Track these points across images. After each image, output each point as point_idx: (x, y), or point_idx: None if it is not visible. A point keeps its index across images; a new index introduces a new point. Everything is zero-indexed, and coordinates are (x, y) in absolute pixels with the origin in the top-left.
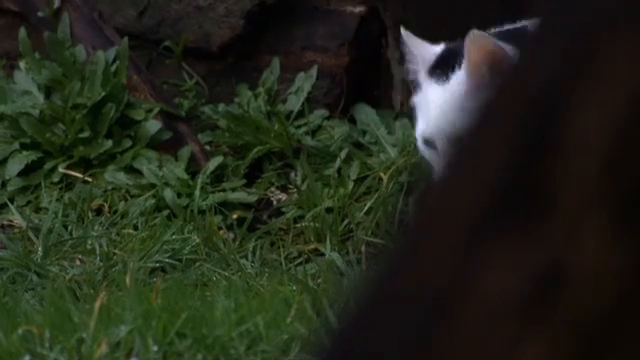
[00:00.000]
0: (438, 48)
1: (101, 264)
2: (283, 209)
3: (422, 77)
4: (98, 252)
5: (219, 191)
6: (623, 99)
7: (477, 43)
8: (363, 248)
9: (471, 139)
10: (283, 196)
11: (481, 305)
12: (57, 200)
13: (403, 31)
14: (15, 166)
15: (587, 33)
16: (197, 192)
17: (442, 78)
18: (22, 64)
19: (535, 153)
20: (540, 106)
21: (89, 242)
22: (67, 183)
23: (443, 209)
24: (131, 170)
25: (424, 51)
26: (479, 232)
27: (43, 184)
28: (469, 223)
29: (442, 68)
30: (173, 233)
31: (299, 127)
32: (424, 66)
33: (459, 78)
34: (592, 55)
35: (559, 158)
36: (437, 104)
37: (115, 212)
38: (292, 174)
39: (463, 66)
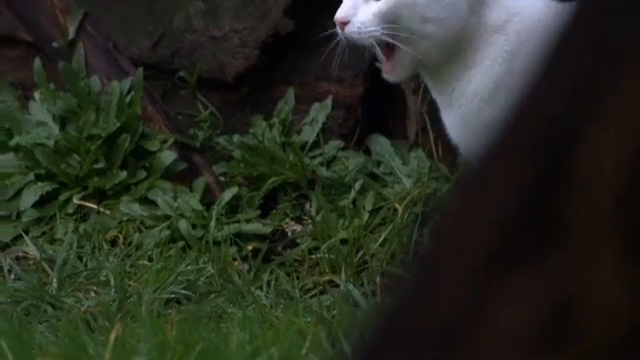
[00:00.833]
0: None
1: (116, 295)
2: (298, 240)
3: None
4: (113, 283)
5: (234, 222)
6: (636, 132)
7: None
8: (378, 279)
9: (483, 171)
10: (298, 227)
11: (494, 335)
12: (72, 231)
13: None
14: (30, 197)
15: (598, 66)
16: (212, 223)
17: None
18: (37, 95)
19: (548, 185)
20: (552, 138)
21: (104, 273)
22: (82, 214)
23: (456, 240)
24: (146, 201)
25: None
26: (492, 263)
27: (58, 215)
28: (482, 254)
29: None
30: (188, 264)
31: (314, 158)
32: None
33: None
34: (604, 88)
35: (572, 190)
36: None
37: (130, 243)
38: (307, 205)
39: None
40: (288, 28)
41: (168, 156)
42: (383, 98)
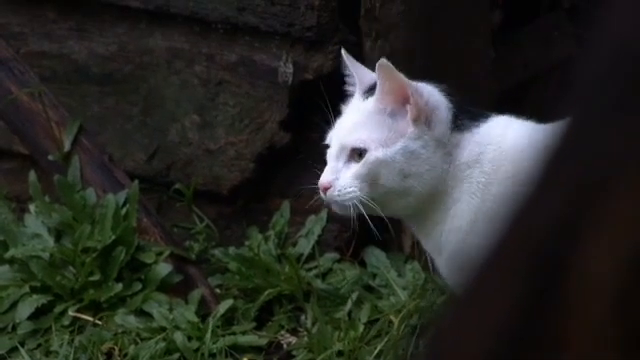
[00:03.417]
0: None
1: None
2: (293, 352)
3: (356, 95)
4: None
5: (229, 334)
6: (630, 243)
7: (384, 73)
8: None
9: (478, 286)
10: (293, 339)
11: None
12: (67, 343)
13: (344, 52)
14: (25, 309)
15: (591, 178)
16: (208, 335)
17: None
18: (32, 207)
19: (543, 300)
20: (547, 251)
21: None
22: (77, 326)
23: (452, 353)
24: (141, 313)
25: (363, 75)
26: None
27: (53, 327)
28: None
29: (373, 91)
30: None
31: (309, 270)
32: (361, 87)
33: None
34: (597, 200)
35: (568, 303)
36: (348, 114)
37: (125, 355)
38: (302, 317)
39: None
40: (284, 141)
41: (163, 268)
42: None
